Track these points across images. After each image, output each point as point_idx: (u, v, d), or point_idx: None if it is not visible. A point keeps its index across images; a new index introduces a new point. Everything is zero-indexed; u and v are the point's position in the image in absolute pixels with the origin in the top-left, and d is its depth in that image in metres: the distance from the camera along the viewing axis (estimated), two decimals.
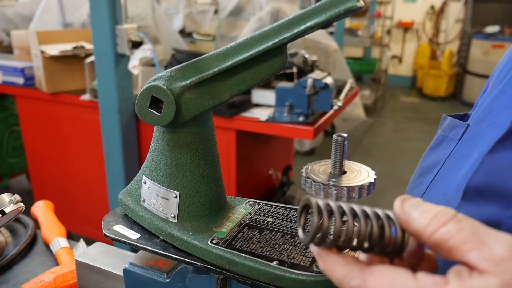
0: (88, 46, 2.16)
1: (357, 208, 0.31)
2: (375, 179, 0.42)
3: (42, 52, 2.03)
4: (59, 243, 0.79)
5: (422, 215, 0.29)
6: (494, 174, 0.46)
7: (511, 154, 0.45)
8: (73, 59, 2.14)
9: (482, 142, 0.52)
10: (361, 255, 0.34)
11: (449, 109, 6.03)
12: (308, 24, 0.38)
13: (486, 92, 0.59)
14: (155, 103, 0.44)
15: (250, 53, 0.42)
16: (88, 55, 2.11)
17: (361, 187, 0.40)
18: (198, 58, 0.44)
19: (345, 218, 0.31)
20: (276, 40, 0.40)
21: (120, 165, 1.96)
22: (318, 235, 0.30)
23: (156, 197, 0.50)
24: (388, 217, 0.31)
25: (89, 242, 0.80)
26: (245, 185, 2.01)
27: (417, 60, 7.00)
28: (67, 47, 2.10)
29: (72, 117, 2.19)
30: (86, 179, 2.27)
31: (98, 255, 0.65)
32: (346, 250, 0.33)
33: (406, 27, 7.05)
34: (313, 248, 0.32)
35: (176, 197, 0.49)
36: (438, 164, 0.60)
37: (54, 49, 2.04)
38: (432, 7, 6.84)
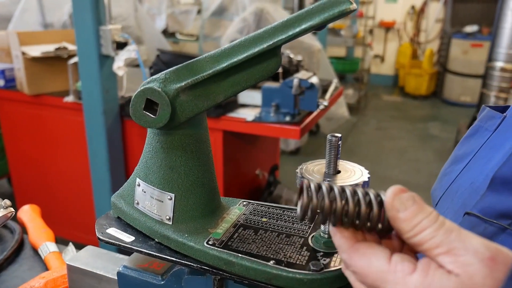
0: (71, 47, 2.12)
1: (347, 189, 0.34)
2: (368, 178, 0.43)
3: (24, 53, 1.98)
4: (48, 247, 0.78)
5: (408, 219, 0.31)
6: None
7: None
8: (55, 60, 2.10)
9: None
10: None
11: (430, 107, 6.15)
12: (303, 26, 0.39)
13: None
14: (150, 105, 0.44)
15: (244, 55, 0.42)
16: (71, 56, 2.07)
17: (355, 186, 0.41)
18: (192, 60, 0.45)
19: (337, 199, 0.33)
20: (271, 42, 0.41)
21: (106, 168, 1.94)
22: (309, 214, 0.33)
23: (151, 199, 0.50)
24: (380, 201, 0.33)
25: (75, 246, 0.79)
26: (232, 185, 2.01)
27: (398, 59, 7.12)
28: (49, 48, 2.06)
29: (55, 119, 2.14)
30: (70, 182, 2.23)
31: (89, 259, 0.64)
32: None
33: (387, 27, 7.16)
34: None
35: (171, 199, 0.49)
36: (471, 154, 0.61)
37: (35, 50, 2.00)
38: (413, 7, 6.97)
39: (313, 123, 1.91)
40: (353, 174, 0.43)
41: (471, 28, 6.03)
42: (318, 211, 0.33)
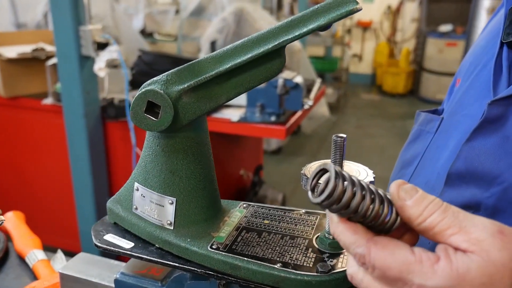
0: (49, 48, 2.06)
1: (364, 183, 0.33)
2: (374, 177, 0.43)
3: None
4: (36, 255, 0.75)
5: (415, 205, 0.32)
6: (473, 160, 0.51)
7: (486, 141, 0.51)
8: (32, 62, 2.04)
9: (457, 133, 0.57)
10: None
11: (408, 105, 6.27)
12: (310, 27, 0.39)
13: (456, 88, 0.64)
14: (151, 108, 0.43)
15: (248, 56, 0.42)
16: (49, 57, 2.01)
17: None
18: (194, 61, 0.44)
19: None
20: (276, 43, 0.40)
21: (88, 172, 1.89)
22: (329, 199, 0.31)
23: (150, 204, 0.49)
24: (387, 197, 0.33)
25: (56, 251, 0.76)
26: (218, 186, 1.99)
27: (376, 58, 7.22)
28: (26, 49, 1.99)
29: (33, 122, 2.08)
30: (51, 187, 2.16)
31: (83, 266, 0.62)
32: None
33: (365, 27, 7.25)
34: (328, 212, 0.34)
35: (172, 203, 0.48)
36: (418, 156, 0.65)
37: (11, 51, 1.93)
38: (389, 7, 7.09)
39: (298, 123, 1.92)
40: (358, 174, 0.43)
41: (445, 28, 6.18)
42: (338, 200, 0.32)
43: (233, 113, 1.83)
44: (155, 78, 0.43)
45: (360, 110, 5.97)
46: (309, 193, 0.34)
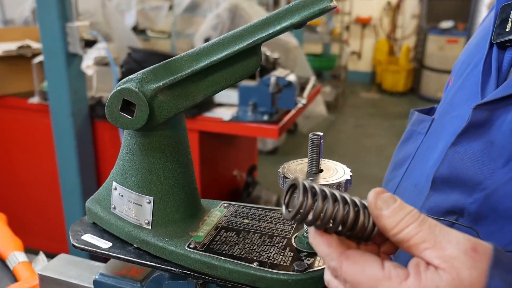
0: (35, 45, 2.03)
1: (337, 194, 0.33)
2: (351, 176, 0.43)
3: None
4: (17, 257, 0.74)
5: (392, 215, 0.32)
6: (457, 165, 0.50)
7: (471, 146, 0.50)
8: (18, 60, 2.01)
9: (446, 134, 0.56)
10: None
11: (408, 104, 6.12)
12: (283, 24, 0.38)
13: (449, 87, 0.63)
14: (127, 106, 0.42)
15: (224, 53, 0.41)
16: (35, 55, 1.99)
17: (338, 185, 0.41)
18: (170, 59, 0.43)
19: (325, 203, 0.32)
20: (251, 41, 0.40)
21: (76, 172, 1.86)
22: (299, 215, 0.32)
23: (128, 203, 0.49)
24: (364, 206, 0.33)
25: (45, 256, 0.75)
26: (210, 187, 1.99)
27: (375, 56, 7.06)
28: (11, 46, 1.96)
29: (20, 121, 2.05)
30: (38, 188, 2.13)
31: (62, 268, 0.62)
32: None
33: (364, 23, 7.08)
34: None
35: (149, 202, 0.47)
36: (409, 157, 0.64)
37: None
38: (389, 3, 6.93)
39: (292, 122, 1.91)
40: (335, 172, 0.43)
41: (446, 24, 5.99)
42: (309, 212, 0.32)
43: (225, 112, 1.82)
44: (130, 76, 0.43)
45: (359, 109, 5.88)
46: (283, 208, 0.34)
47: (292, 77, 1.82)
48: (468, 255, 0.29)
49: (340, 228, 0.33)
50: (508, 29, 0.52)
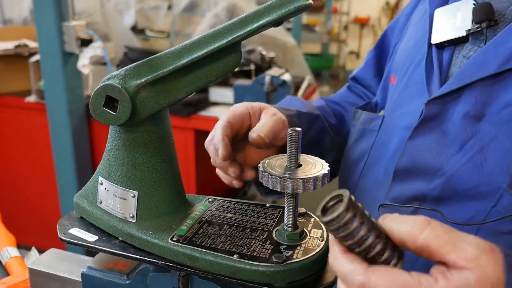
0: (32, 44, 2.04)
1: (375, 223, 0.33)
2: (328, 170, 0.44)
3: None
4: (9, 252, 0.75)
5: (402, 224, 0.33)
6: (416, 156, 0.56)
7: (427, 138, 0.55)
8: (15, 59, 2.02)
9: (398, 129, 0.62)
10: None
11: None
12: (260, 22, 0.39)
13: (393, 86, 0.69)
14: (110, 102, 0.43)
15: (204, 51, 0.42)
16: (32, 54, 2.00)
17: (315, 179, 0.42)
18: (153, 56, 0.44)
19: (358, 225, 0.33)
20: (230, 38, 0.41)
21: (72, 170, 1.88)
22: (335, 222, 0.32)
23: (114, 198, 0.50)
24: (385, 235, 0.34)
25: (40, 254, 0.76)
26: (205, 186, 2.00)
27: None
28: (8, 45, 1.97)
29: (17, 120, 2.06)
30: (34, 187, 2.14)
31: (52, 262, 0.63)
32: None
33: (362, 23, 7.09)
34: (331, 239, 0.35)
35: (134, 196, 0.48)
36: (365, 155, 0.68)
37: None
38: (387, 3, 6.93)
39: None
40: (314, 167, 0.45)
41: None
42: (346, 227, 0.32)
43: (220, 111, 1.83)
44: (114, 73, 0.44)
45: None
46: (319, 212, 0.34)
47: (287, 76, 1.83)
48: (489, 254, 0.31)
49: (366, 251, 0.33)
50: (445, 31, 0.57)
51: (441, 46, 0.59)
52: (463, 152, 0.52)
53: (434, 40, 0.59)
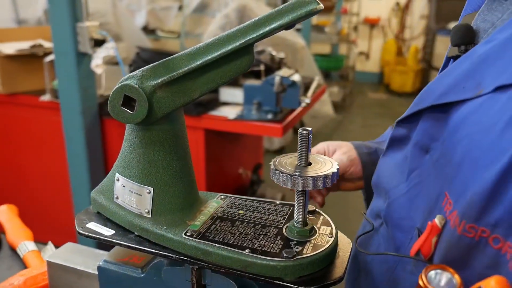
0: (47, 44, 2.08)
1: None
2: (337, 169, 0.45)
3: None
4: (27, 246, 0.78)
5: None
6: (381, 174, 0.59)
7: (392, 158, 0.57)
8: (30, 58, 2.07)
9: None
10: None
11: None
12: (273, 25, 0.41)
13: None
14: (128, 101, 0.45)
15: (218, 53, 0.44)
16: (47, 53, 2.04)
17: (325, 177, 0.44)
18: (168, 58, 0.46)
19: None
20: (243, 41, 0.43)
21: (85, 168, 1.91)
22: None
23: (130, 194, 0.52)
24: None
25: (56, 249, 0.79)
26: (215, 184, 2.02)
27: (383, 56, 7.02)
28: (24, 45, 2.02)
29: (31, 118, 2.11)
30: (48, 184, 2.19)
31: (69, 255, 0.65)
32: None
33: (372, 24, 7.05)
34: None
35: (149, 192, 0.50)
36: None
37: (10, 48, 1.96)
38: (397, 4, 6.88)
39: (296, 121, 1.94)
40: (323, 165, 0.46)
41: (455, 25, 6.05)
42: None
43: (230, 110, 1.85)
44: (131, 73, 0.46)
45: (367, 109, 5.82)
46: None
47: (296, 77, 1.84)
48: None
49: None
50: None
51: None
52: (408, 182, 0.51)
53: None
